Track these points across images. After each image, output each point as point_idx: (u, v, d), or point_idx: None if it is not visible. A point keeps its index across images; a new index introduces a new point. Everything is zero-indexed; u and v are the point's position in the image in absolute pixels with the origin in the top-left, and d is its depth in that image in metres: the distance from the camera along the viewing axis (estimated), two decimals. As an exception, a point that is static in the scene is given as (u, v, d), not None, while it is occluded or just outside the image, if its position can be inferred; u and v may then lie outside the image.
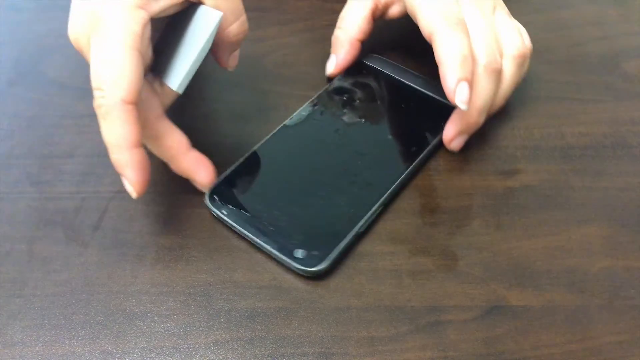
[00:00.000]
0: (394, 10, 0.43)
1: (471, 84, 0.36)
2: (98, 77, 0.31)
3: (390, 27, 0.45)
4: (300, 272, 0.34)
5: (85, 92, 0.43)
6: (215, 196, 0.36)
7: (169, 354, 0.31)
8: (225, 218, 0.35)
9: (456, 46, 0.36)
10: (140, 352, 0.31)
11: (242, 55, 0.38)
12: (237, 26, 0.35)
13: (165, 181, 0.38)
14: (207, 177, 0.36)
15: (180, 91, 0.34)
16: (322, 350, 0.32)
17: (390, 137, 0.40)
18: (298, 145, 0.39)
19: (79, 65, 0.45)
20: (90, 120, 0.42)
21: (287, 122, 0.40)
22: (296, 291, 0.34)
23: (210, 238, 0.36)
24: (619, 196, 0.38)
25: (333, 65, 0.43)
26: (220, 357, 0.31)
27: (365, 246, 0.35)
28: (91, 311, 0.33)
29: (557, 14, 0.49)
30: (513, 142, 0.41)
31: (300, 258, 0.34)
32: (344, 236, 0.35)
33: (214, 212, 0.36)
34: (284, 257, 0.34)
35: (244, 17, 0.35)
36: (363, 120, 0.41)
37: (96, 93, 0.31)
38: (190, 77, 0.34)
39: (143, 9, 0.31)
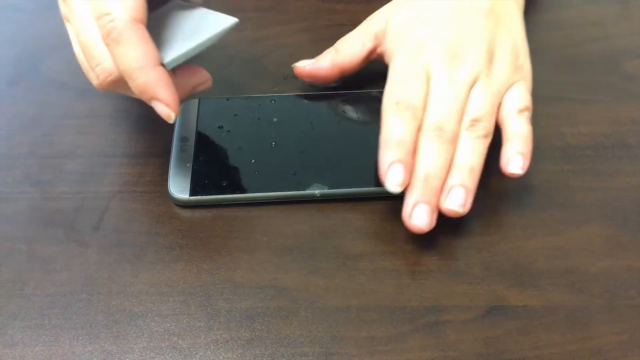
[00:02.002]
0: (386, 61, 0.41)
1: (408, 167, 0.34)
2: (103, 3, 0.31)
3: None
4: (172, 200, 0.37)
5: (85, 92, 0.43)
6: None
7: (169, 354, 0.31)
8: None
9: (395, 131, 0.35)
10: (140, 352, 0.31)
11: (243, 55, 0.39)
12: None
13: (165, 181, 0.38)
14: (170, 98, 0.33)
15: (168, 67, 0.33)
16: (322, 350, 0.32)
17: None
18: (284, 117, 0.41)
19: (79, 65, 0.45)
20: (90, 120, 0.42)
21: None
22: (296, 291, 0.34)
23: (210, 238, 0.36)
24: (619, 196, 0.38)
25: (306, 65, 0.42)
26: (220, 357, 0.31)
27: (365, 246, 0.35)
28: (91, 311, 0.33)
29: (557, 14, 0.49)
30: (513, 142, 0.41)
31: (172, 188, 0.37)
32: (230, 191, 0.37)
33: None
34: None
35: None
36: (356, 123, 0.41)
37: (104, 19, 0.31)
38: (182, 60, 0.34)
39: None
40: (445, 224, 0.36)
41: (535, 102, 0.43)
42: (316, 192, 0.37)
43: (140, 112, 0.42)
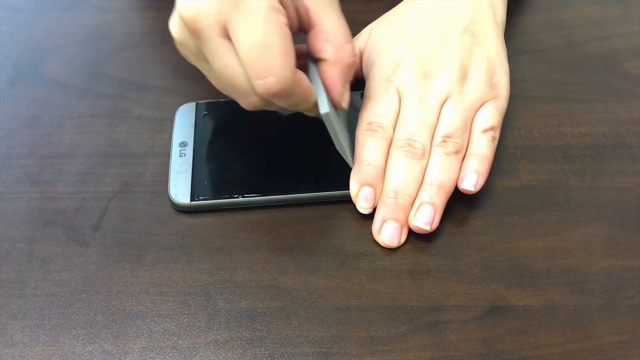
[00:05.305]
0: (364, 78, 0.41)
1: (378, 189, 0.36)
2: (263, 66, 0.30)
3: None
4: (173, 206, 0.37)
5: (85, 92, 0.43)
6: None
7: (169, 354, 0.31)
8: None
9: (366, 152, 0.36)
10: (140, 352, 0.31)
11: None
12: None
13: (165, 181, 0.38)
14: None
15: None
16: (322, 350, 0.32)
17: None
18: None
19: (79, 65, 0.45)
20: (90, 120, 0.42)
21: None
22: (296, 291, 0.34)
23: (210, 238, 0.36)
24: (619, 196, 0.38)
25: None
26: (220, 357, 0.31)
27: (365, 246, 0.35)
28: (91, 311, 0.33)
29: (557, 14, 0.49)
30: (513, 142, 0.41)
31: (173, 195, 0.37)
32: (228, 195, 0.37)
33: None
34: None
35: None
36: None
37: (259, 83, 0.30)
38: None
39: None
40: (445, 224, 0.36)
41: (535, 102, 0.43)
42: (319, 194, 0.37)
43: (141, 112, 0.42)
